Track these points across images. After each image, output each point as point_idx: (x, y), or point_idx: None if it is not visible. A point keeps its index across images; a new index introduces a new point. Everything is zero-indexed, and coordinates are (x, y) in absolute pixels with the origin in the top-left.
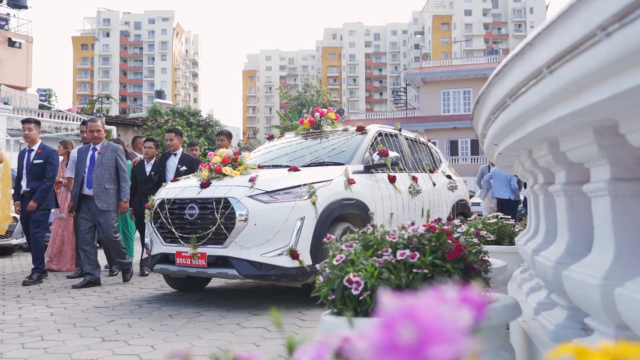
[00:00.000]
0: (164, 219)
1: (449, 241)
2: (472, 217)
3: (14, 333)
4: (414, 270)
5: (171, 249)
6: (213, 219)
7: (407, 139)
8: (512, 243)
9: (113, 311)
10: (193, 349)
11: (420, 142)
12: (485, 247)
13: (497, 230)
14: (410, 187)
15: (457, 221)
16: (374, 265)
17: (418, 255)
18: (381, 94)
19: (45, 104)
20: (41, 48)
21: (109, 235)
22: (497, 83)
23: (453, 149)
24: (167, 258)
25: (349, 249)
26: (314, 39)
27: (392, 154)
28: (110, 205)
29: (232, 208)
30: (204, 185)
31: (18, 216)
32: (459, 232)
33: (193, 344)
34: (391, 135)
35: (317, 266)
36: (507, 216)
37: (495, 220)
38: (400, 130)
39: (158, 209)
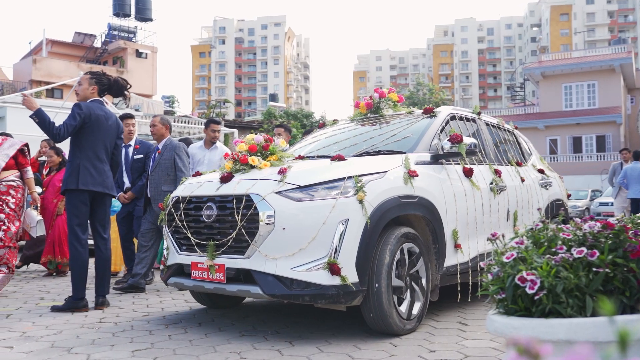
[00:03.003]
0: (178, 222)
1: (630, 239)
2: (620, 217)
3: (160, 325)
4: (593, 269)
5: (186, 258)
6: (233, 222)
7: (488, 124)
8: None
9: (247, 307)
10: (329, 347)
11: (504, 129)
12: None
13: None
14: (491, 183)
15: (614, 219)
16: (549, 263)
17: (597, 253)
18: (495, 90)
19: (170, 109)
20: (164, 57)
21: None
22: None
23: (576, 145)
24: (183, 270)
25: (519, 245)
26: (424, 36)
27: (468, 140)
28: None
29: (255, 208)
30: (225, 179)
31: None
32: None
33: (329, 341)
34: (467, 119)
35: (482, 264)
36: None
37: None
38: (479, 113)
39: (172, 210)
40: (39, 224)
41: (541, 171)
